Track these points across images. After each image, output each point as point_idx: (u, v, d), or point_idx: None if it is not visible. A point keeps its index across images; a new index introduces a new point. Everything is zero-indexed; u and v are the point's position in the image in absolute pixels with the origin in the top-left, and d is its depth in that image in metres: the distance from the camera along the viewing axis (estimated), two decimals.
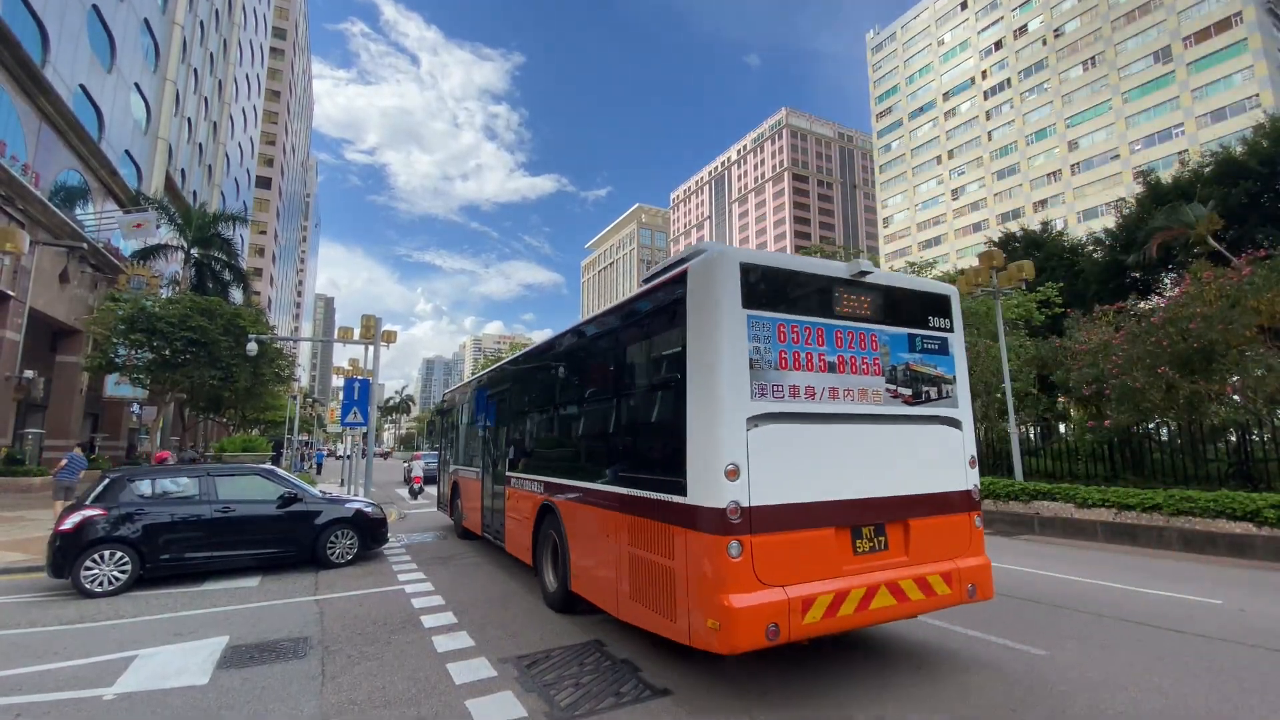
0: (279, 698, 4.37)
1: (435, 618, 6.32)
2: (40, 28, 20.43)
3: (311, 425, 73.24)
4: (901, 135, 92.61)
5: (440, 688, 4.49)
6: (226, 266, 28.76)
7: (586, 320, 6.55)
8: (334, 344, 23.82)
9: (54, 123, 21.01)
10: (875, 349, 4.81)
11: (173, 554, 8.20)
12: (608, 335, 6.02)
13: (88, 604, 7.20)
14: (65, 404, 23.32)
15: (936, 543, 4.78)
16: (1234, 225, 23.33)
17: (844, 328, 4.69)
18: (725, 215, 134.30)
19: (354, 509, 9.66)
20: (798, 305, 4.57)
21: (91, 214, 24.16)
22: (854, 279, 4.83)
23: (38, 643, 5.74)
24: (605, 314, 6.09)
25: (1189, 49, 59.92)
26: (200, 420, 36.89)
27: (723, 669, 4.77)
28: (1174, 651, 5.06)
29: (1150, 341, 13.33)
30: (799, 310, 4.55)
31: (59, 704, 4.32)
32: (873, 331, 4.83)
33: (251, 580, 8.33)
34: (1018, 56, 76.18)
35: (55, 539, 7.63)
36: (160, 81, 32.50)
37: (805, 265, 4.81)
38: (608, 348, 6.03)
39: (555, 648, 5.35)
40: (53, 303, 21.47)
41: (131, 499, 8.23)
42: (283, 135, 77.08)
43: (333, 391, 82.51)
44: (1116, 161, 65.13)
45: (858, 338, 4.74)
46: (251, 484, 9.19)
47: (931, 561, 4.69)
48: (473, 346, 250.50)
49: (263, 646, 5.53)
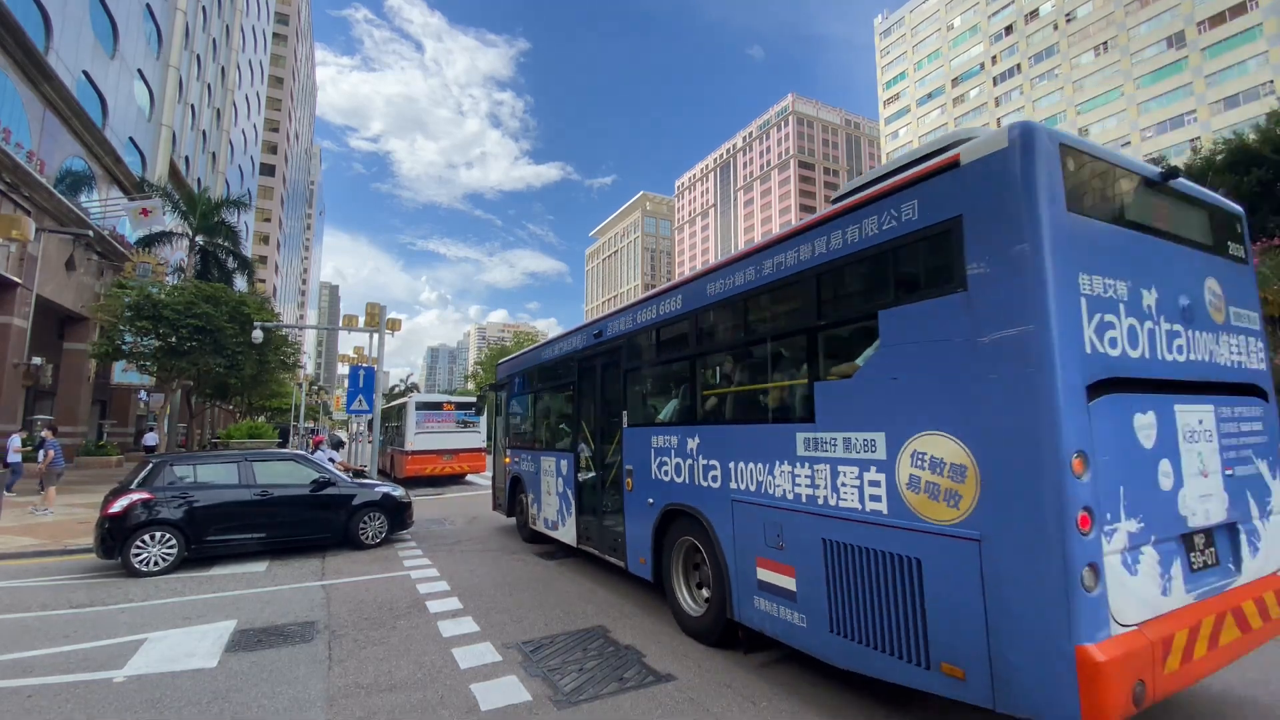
0: (286, 681, 4.42)
1: (440, 603, 6.37)
2: (43, 13, 20.34)
3: (317, 412, 73.72)
4: (909, 122, 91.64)
5: (445, 672, 4.54)
6: (231, 254, 28.78)
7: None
8: (339, 332, 23.88)
9: (58, 109, 20.97)
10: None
11: (215, 535, 8.48)
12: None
13: (97, 588, 7.29)
14: (73, 390, 23.48)
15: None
16: (1246, 213, 23.08)
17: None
18: (731, 203, 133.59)
19: (381, 492, 9.98)
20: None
21: (97, 201, 24.18)
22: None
23: (49, 626, 5.82)
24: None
25: (1202, 34, 58.93)
26: (207, 407, 37.12)
27: (727, 655, 4.80)
28: None
29: None
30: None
31: (70, 686, 4.39)
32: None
33: (259, 565, 8.42)
34: (1028, 42, 75.12)
35: (104, 522, 7.89)
36: (164, 68, 32.38)
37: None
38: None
39: (559, 633, 5.39)
40: (60, 290, 21.56)
41: (174, 483, 8.51)
42: (286, 122, 76.85)
43: (338, 379, 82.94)
44: (1127, 149, 64.40)
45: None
46: (286, 469, 9.50)
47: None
48: (477, 335, 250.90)
49: (270, 630, 5.59)
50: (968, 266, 3.18)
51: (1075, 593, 2.72)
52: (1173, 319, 3.49)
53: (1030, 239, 2.95)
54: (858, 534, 3.70)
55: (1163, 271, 3.52)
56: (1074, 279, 3.03)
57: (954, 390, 3.25)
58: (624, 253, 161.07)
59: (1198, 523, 3.34)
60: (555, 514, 8.58)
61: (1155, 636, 2.89)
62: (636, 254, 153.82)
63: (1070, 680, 2.69)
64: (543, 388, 9.81)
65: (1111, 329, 3.16)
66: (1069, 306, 2.98)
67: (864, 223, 3.81)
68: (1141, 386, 3.25)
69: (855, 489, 3.74)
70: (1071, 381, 2.90)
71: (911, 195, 3.53)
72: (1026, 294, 2.94)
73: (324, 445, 22.63)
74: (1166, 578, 3.13)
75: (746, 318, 5.04)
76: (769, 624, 4.37)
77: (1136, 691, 2.75)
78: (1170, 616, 3.06)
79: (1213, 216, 4.11)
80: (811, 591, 4.00)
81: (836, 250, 4.03)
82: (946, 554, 3.21)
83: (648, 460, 6.11)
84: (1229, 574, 3.44)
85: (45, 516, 12.13)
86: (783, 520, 4.29)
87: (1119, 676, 2.68)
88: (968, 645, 3.09)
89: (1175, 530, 3.23)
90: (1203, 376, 3.60)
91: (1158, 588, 3.07)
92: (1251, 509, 3.68)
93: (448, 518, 12.81)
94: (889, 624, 3.48)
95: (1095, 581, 2.78)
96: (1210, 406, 3.58)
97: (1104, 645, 2.71)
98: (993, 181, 3.12)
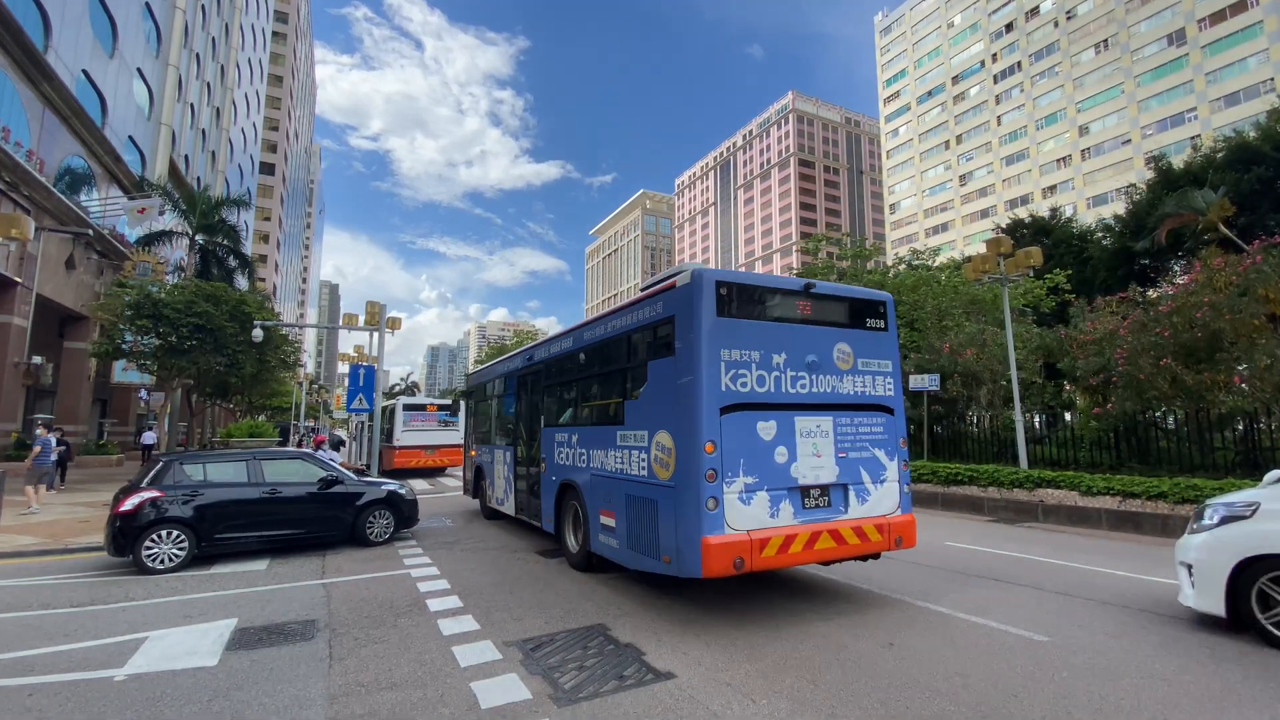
0: (287, 679, 4.43)
1: (441, 601, 6.38)
2: (42, 12, 20.32)
3: (318, 411, 73.71)
4: (909, 120, 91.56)
5: (445, 670, 4.54)
6: (231, 252, 28.77)
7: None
8: (339, 330, 23.87)
9: (57, 108, 20.96)
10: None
11: (225, 533, 8.53)
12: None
13: (98, 587, 7.30)
14: (74, 389, 23.49)
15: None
16: (1245, 212, 23.03)
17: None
18: (731, 201, 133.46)
19: (387, 490, 10.03)
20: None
21: (96, 200, 24.18)
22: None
23: (49, 625, 5.82)
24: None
25: (1203, 31, 58.85)
26: (207, 406, 37.13)
27: (727, 652, 4.81)
28: (1177, 638, 5.06)
29: (1155, 332, 13.20)
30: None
31: (71, 684, 4.39)
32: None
33: (260, 564, 8.43)
34: (1029, 39, 75.00)
35: (115, 520, 7.92)
36: (163, 66, 32.35)
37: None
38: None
39: (560, 631, 5.40)
40: (60, 289, 21.56)
41: (184, 481, 8.54)
42: (286, 121, 76.77)
43: (339, 378, 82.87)
44: (1128, 147, 64.29)
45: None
46: (295, 467, 9.54)
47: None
48: (477, 333, 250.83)
49: (271, 629, 5.60)
50: (675, 342, 5.80)
51: (703, 513, 5.29)
52: (799, 369, 5.97)
53: (695, 331, 5.57)
54: (636, 489, 6.28)
55: (794, 342, 6.01)
56: (718, 352, 5.57)
57: (670, 408, 5.82)
58: (624, 251, 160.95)
59: (808, 482, 5.83)
60: (503, 494, 11.12)
61: (756, 538, 5.40)
62: (636, 252, 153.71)
63: (698, 555, 5.23)
64: (495, 396, 12.25)
65: (744, 377, 5.66)
66: (713, 367, 5.52)
67: (640, 310, 6.58)
68: (767, 407, 5.74)
69: (636, 463, 6.33)
70: (711, 406, 5.45)
71: (657, 300, 6.22)
72: (692, 360, 5.55)
73: (324, 445, 22.65)
74: (775, 509, 5.62)
75: (597, 357, 7.78)
76: (605, 550, 6.93)
77: (736, 562, 5.27)
78: (774, 529, 5.54)
79: (851, 304, 6.57)
80: (620, 526, 6.54)
81: (629, 324, 6.81)
82: (664, 496, 5.75)
83: (553, 451, 8.67)
84: (838, 512, 5.94)
85: (31, 516, 12.05)
86: (611, 485, 6.85)
87: (722, 553, 5.23)
88: (671, 544, 5.59)
89: (786, 485, 5.72)
90: (823, 400, 6.07)
91: (767, 514, 5.57)
92: (863, 477, 6.15)
93: (447, 516, 12.82)
94: (647, 539, 6.00)
95: (716, 507, 5.32)
96: (830, 417, 6.07)
97: (715, 537, 5.25)
98: (683, 299, 5.74)
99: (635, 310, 6.71)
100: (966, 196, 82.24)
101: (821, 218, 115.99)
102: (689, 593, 6.59)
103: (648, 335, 6.42)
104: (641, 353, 6.55)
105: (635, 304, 6.71)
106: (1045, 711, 3.77)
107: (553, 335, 9.45)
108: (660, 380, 6.03)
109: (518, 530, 10.89)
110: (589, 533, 7.30)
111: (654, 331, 6.27)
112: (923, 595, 6.45)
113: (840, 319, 6.43)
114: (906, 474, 6.46)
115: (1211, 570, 5.10)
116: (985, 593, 6.57)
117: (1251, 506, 5.09)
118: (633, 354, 6.76)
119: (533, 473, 9.53)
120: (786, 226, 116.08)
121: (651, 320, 6.32)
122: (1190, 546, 5.34)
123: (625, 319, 6.93)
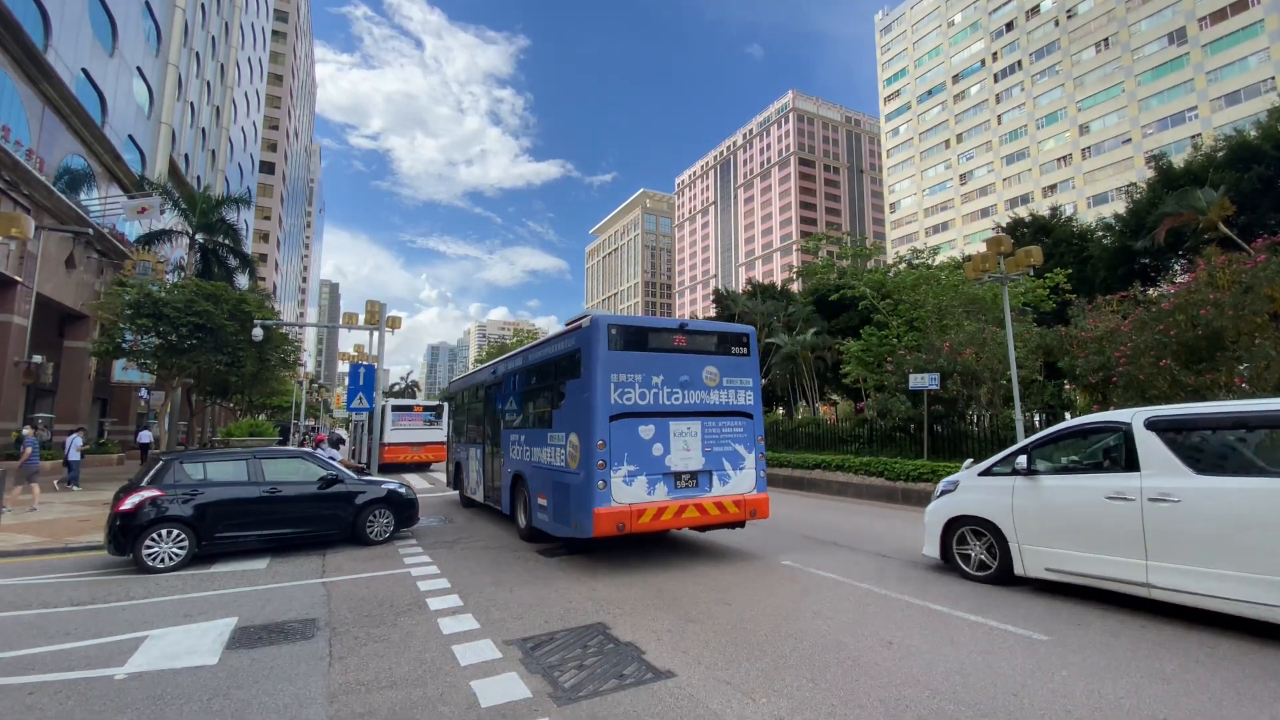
0: (287, 678, 4.43)
1: (441, 600, 6.38)
2: (42, 11, 20.30)
3: (318, 410, 73.71)
4: (910, 119, 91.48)
5: (445, 669, 4.55)
6: (231, 251, 28.76)
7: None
8: (339, 330, 23.95)
9: (57, 107, 20.94)
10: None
11: (225, 532, 8.54)
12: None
13: (98, 585, 7.31)
14: (74, 389, 23.48)
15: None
16: (1246, 211, 23.01)
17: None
18: (731, 200, 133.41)
19: (387, 489, 10.02)
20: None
21: (96, 199, 24.15)
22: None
23: (50, 623, 5.83)
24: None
25: (1204, 30, 58.77)
26: (207, 405, 37.13)
27: (726, 651, 4.81)
28: (1176, 637, 5.06)
29: (1157, 331, 13.19)
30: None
31: (71, 683, 4.40)
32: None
33: (260, 562, 8.43)
34: (1029, 38, 74.92)
35: (115, 518, 7.92)
36: (163, 65, 32.32)
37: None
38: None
39: (559, 630, 5.40)
40: (60, 288, 21.56)
41: (184, 480, 8.55)
42: (286, 120, 76.72)
43: (339, 377, 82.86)
44: (1128, 146, 64.23)
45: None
46: (294, 466, 9.52)
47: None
48: (477, 333, 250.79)
49: (271, 627, 5.61)
50: (581, 368, 7.82)
51: (596, 491, 7.26)
52: (674, 386, 7.92)
53: (592, 360, 7.57)
54: (559, 476, 8.27)
55: (671, 366, 7.97)
56: (609, 375, 7.54)
57: (577, 416, 7.84)
58: (624, 250, 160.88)
59: (679, 469, 7.80)
60: (475, 484, 13.02)
61: (634, 509, 7.39)
62: (637, 251, 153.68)
63: (591, 521, 7.18)
64: (470, 402, 14.21)
65: (629, 393, 7.61)
66: (605, 386, 7.49)
67: (562, 341, 8.63)
68: (647, 415, 7.69)
69: (559, 457, 8.33)
70: (603, 414, 7.43)
71: (571, 336, 8.28)
72: (590, 380, 7.54)
73: (324, 444, 22.63)
74: (652, 489, 7.59)
75: (535, 374, 9.81)
76: (540, 524, 8.94)
77: (619, 526, 7.24)
78: (650, 503, 7.52)
79: (719, 336, 8.54)
80: (549, 504, 8.55)
81: (556, 352, 8.85)
82: (573, 481, 7.77)
83: (509, 448, 10.66)
84: (703, 491, 7.93)
85: (30, 515, 12.05)
86: (544, 474, 8.82)
87: (608, 520, 7.22)
88: (575, 514, 7.61)
89: (661, 471, 7.68)
90: (693, 409, 8.03)
91: (645, 492, 7.53)
92: (725, 465, 8.13)
93: (446, 515, 12.83)
94: (563, 512, 8.00)
95: (605, 487, 7.30)
96: (699, 421, 8.02)
97: (603, 509, 7.23)
98: (585, 336, 7.75)
99: (559, 341, 8.76)
100: (967, 195, 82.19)
101: (822, 217, 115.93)
102: (689, 591, 6.61)
103: (565, 361, 8.45)
104: (563, 374, 8.52)
105: (559, 336, 8.78)
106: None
107: (509, 355, 11.48)
108: (572, 395, 8.10)
109: (517, 529, 10.82)
110: (530, 511, 9.30)
111: (570, 359, 8.23)
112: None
113: (709, 348, 8.41)
114: (763, 463, 8.52)
115: (933, 527, 7.44)
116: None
117: (955, 484, 7.40)
118: (558, 374, 8.72)
119: (495, 466, 11.45)
120: (787, 225, 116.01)
121: (568, 350, 8.35)
122: (927, 512, 7.62)
123: (554, 347, 8.93)
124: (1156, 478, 5.47)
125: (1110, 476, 5.86)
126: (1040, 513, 6.36)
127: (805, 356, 32.46)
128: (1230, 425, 5.43)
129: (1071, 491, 6.17)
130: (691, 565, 7.91)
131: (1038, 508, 6.39)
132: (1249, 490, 4.95)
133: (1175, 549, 5.29)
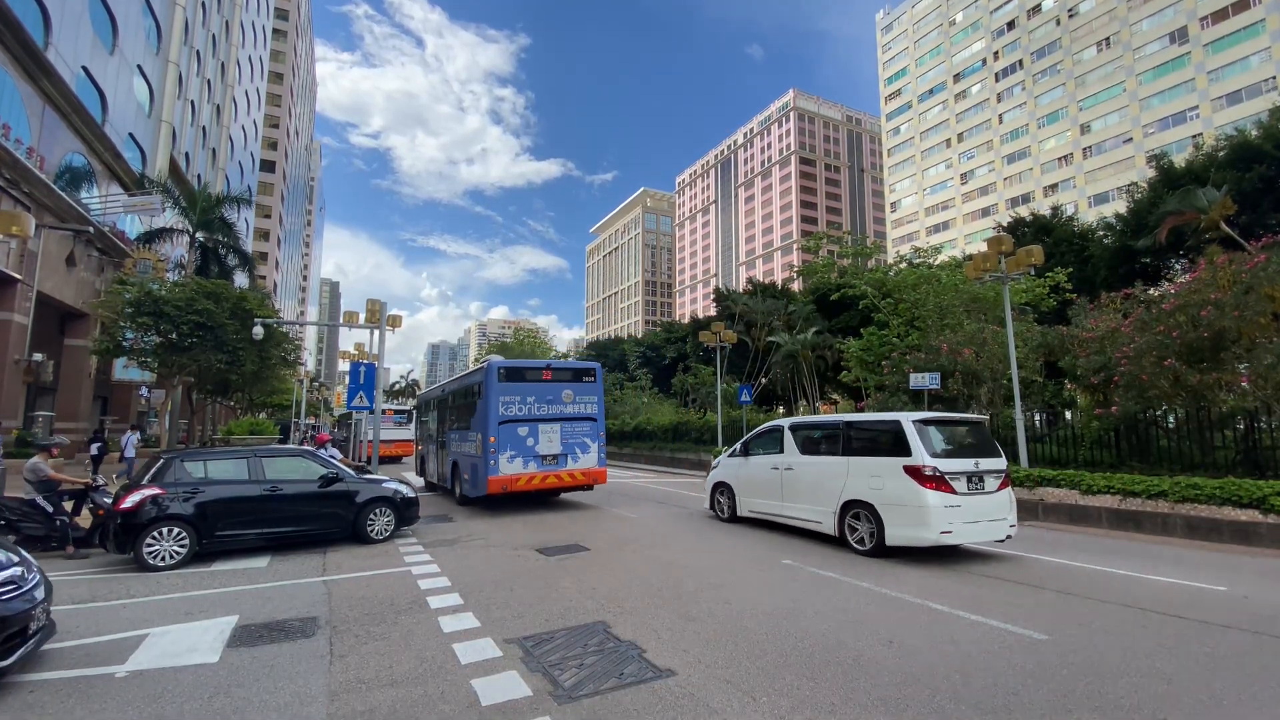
0: (288, 676, 4.44)
1: (441, 599, 6.39)
2: (42, 9, 20.28)
3: (318, 409, 73.72)
4: (910, 118, 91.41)
5: (446, 667, 4.55)
6: (231, 250, 28.76)
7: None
8: (340, 328, 23.92)
9: (57, 105, 20.94)
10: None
11: (226, 530, 8.54)
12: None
13: (99, 584, 7.31)
14: (74, 387, 23.51)
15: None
16: (1247, 210, 22.97)
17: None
18: (731, 199, 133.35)
19: (389, 488, 10.04)
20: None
21: (96, 197, 24.16)
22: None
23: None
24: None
25: (1205, 30, 58.70)
26: (208, 403, 37.14)
27: (726, 650, 4.81)
28: (1176, 637, 5.07)
29: (1158, 330, 13.17)
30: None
31: (72, 681, 4.40)
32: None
33: (260, 561, 8.44)
34: (1030, 37, 74.85)
35: (116, 517, 7.91)
36: (163, 63, 32.30)
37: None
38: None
39: (560, 629, 5.40)
40: (60, 286, 21.56)
41: (185, 478, 8.55)
42: (286, 118, 76.68)
43: (339, 376, 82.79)
44: (1129, 145, 64.18)
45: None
46: (295, 465, 9.52)
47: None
48: (478, 331, 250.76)
49: (272, 626, 5.61)
50: (483, 392, 12.84)
51: (489, 467, 12.29)
52: (542, 403, 12.95)
53: (489, 388, 12.66)
54: (472, 460, 13.00)
55: (541, 391, 13.01)
56: (499, 398, 12.56)
57: (480, 422, 12.76)
58: (624, 249, 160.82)
59: (545, 453, 12.78)
60: (433, 471, 17.29)
61: (513, 477, 12.44)
62: (637, 250, 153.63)
63: (485, 485, 12.31)
64: (430, 409, 18.70)
65: (511, 408, 12.63)
66: (496, 404, 12.50)
67: (475, 375, 13.91)
68: (524, 421, 12.71)
69: (472, 447, 13.13)
70: (495, 421, 12.45)
71: (478, 372, 13.62)
72: (488, 401, 12.60)
73: (328, 444, 22.64)
74: (526, 464, 12.59)
75: (464, 394, 14.48)
76: (466, 492, 13.48)
77: (503, 488, 12.38)
78: (524, 474, 12.55)
79: (574, 371, 13.92)
80: (469, 479, 13.22)
81: (470, 382, 14.18)
82: (479, 460, 12.60)
83: (450, 444, 15.16)
84: (562, 466, 12.93)
85: None
86: (466, 459, 13.53)
87: (496, 484, 12.30)
88: (479, 483, 12.48)
89: (533, 454, 12.67)
90: (555, 417, 12.99)
91: (521, 468, 12.53)
92: (576, 451, 13.10)
93: (446, 514, 12.84)
94: (473, 481, 12.92)
95: (494, 464, 12.30)
96: (559, 424, 13.01)
97: (493, 477, 12.29)
98: (486, 374, 12.92)
99: (474, 375, 13.85)
100: (967, 195, 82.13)
101: (822, 216, 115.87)
102: (688, 590, 6.61)
103: (476, 388, 13.23)
104: (475, 395, 13.32)
105: (473, 372, 14.09)
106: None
107: (450, 379, 16.96)
108: (480, 409, 12.76)
109: (517, 529, 10.96)
110: (461, 484, 13.85)
111: (480, 386, 12.93)
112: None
113: (567, 378, 13.37)
114: (603, 451, 13.52)
115: (707, 488, 12.11)
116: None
117: (719, 462, 11.94)
118: (471, 396, 13.66)
119: (443, 456, 15.82)
120: (787, 225, 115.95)
121: (478, 381, 13.20)
122: (708, 480, 12.17)
123: (472, 378, 13.97)
124: (789, 456, 9.95)
125: (775, 456, 10.27)
126: (748, 478, 10.93)
127: (806, 355, 32.45)
128: (817, 428, 10.02)
129: (759, 466, 10.64)
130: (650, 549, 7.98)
131: (746, 475, 10.98)
132: (816, 463, 9.44)
133: (791, 493, 9.78)
